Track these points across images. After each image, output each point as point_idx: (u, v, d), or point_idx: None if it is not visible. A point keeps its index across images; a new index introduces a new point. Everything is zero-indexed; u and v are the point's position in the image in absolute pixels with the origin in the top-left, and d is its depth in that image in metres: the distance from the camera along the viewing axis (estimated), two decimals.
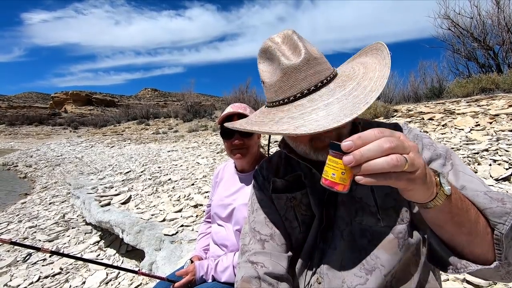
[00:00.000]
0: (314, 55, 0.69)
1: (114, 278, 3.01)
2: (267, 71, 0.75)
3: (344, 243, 0.76)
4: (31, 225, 4.76)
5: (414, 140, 0.77)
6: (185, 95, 20.22)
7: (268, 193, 0.94)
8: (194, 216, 3.27)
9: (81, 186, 5.24)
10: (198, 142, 9.58)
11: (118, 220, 3.37)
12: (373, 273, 0.71)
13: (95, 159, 10.08)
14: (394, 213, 0.73)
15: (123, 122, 22.87)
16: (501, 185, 2.45)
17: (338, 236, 0.77)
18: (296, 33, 0.73)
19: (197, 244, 1.65)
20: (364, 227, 0.75)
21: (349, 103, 0.63)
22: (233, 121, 1.39)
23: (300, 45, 0.69)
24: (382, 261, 0.71)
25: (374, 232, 0.74)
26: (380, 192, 0.74)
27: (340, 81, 0.71)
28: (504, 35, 7.57)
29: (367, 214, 0.74)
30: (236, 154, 1.41)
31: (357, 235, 0.75)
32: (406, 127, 0.81)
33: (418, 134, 0.79)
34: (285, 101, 0.71)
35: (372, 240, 0.74)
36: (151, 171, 6.07)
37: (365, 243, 0.74)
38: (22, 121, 44.32)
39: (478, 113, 4.41)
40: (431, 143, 0.77)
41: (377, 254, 0.72)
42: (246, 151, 1.41)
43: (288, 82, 0.69)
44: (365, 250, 0.74)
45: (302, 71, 0.68)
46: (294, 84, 0.69)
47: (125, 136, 15.90)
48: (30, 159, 13.56)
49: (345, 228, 0.77)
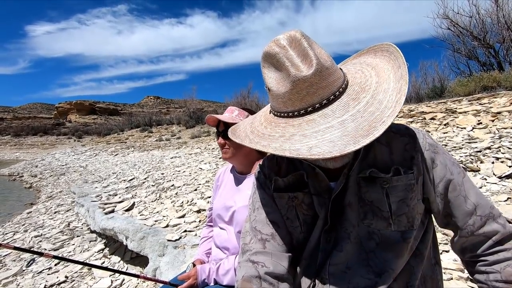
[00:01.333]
0: (326, 65, 0.63)
1: (119, 285, 3.01)
2: (273, 78, 0.69)
3: (350, 245, 0.76)
4: (36, 234, 4.80)
5: (431, 149, 0.76)
6: (187, 101, 20.35)
7: (269, 191, 0.93)
8: (197, 221, 3.27)
9: (86, 195, 5.28)
10: (200, 148, 9.62)
11: (122, 227, 3.39)
12: (383, 276, 0.71)
13: (99, 168, 10.15)
14: (405, 219, 0.73)
15: (127, 130, 23.02)
16: (504, 183, 2.43)
17: (344, 238, 0.77)
18: (304, 36, 0.65)
19: (199, 248, 1.65)
20: (372, 230, 0.74)
21: (364, 121, 0.59)
22: (220, 124, 1.44)
23: (310, 53, 0.63)
24: (391, 264, 0.71)
25: (383, 235, 0.73)
26: (395, 198, 0.72)
27: (353, 93, 0.66)
28: (504, 33, 7.56)
29: (377, 217, 0.73)
30: (223, 154, 1.46)
31: (364, 238, 0.75)
32: (419, 132, 0.77)
33: (433, 144, 0.77)
34: (295, 114, 0.66)
35: (380, 243, 0.73)
36: (154, 177, 6.10)
37: (373, 246, 0.74)
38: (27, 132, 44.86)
39: (480, 112, 4.39)
40: (443, 151, 0.77)
41: (385, 257, 0.72)
42: (229, 150, 1.43)
43: (299, 95, 0.64)
44: (373, 252, 0.73)
45: (314, 84, 0.62)
46: (305, 98, 0.64)
47: (128, 144, 16.00)
48: (35, 169, 13.68)
49: (352, 230, 0.76)
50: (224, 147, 1.44)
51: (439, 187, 0.74)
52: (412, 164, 0.73)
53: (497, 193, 2.28)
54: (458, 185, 0.73)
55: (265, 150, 0.65)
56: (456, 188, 0.73)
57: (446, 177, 0.74)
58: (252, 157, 1.49)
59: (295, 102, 0.65)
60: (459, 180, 0.73)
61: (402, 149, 0.75)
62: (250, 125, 0.82)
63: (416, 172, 0.73)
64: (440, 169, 0.74)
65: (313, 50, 0.64)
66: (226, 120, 1.39)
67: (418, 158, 0.73)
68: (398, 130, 0.78)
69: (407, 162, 0.73)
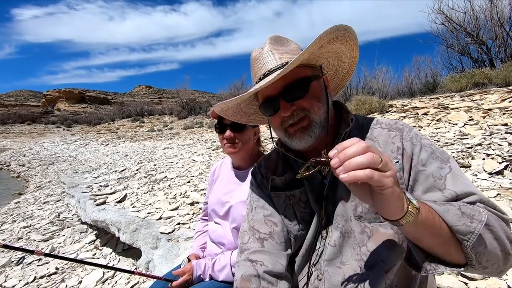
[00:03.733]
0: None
1: (110, 277, 2.99)
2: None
3: (343, 239, 0.77)
4: (25, 225, 4.71)
5: (413, 140, 0.77)
6: (180, 92, 20.10)
7: (266, 191, 0.95)
8: (190, 214, 3.26)
9: (76, 185, 5.19)
10: (193, 139, 9.54)
11: (114, 219, 3.35)
12: (374, 269, 0.72)
13: (90, 158, 9.99)
14: None
15: (118, 120, 22.67)
16: (494, 179, 2.48)
17: (337, 233, 0.78)
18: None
19: (194, 242, 1.64)
20: (364, 222, 0.75)
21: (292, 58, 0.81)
22: (224, 119, 1.39)
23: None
24: (383, 257, 0.72)
25: (374, 227, 0.74)
26: None
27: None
28: (497, 30, 7.62)
29: (367, 209, 0.75)
30: (228, 149, 1.42)
31: (357, 232, 0.76)
32: (406, 126, 0.81)
33: (417, 135, 0.79)
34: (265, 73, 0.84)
35: (372, 237, 0.74)
36: (146, 169, 6.03)
37: (365, 240, 0.75)
38: (14, 120, 43.68)
39: (472, 108, 4.45)
40: (430, 144, 0.77)
41: (377, 250, 0.73)
42: (237, 146, 1.41)
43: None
44: (366, 246, 0.74)
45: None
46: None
47: (119, 134, 15.77)
48: (23, 158, 13.39)
49: (344, 224, 0.77)
50: (233, 141, 1.41)
51: (411, 175, 0.75)
52: (397, 154, 0.76)
53: (487, 189, 2.32)
54: (433, 177, 0.71)
55: (253, 91, 0.81)
56: (428, 180, 0.72)
57: (418, 168, 0.74)
58: (253, 151, 1.48)
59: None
60: (437, 173, 0.71)
61: (389, 142, 0.79)
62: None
63: (402, 162, 0.75)
64: (416, 160, 0.75)
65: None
66: None
67: (403, 149, 0.76)
68: (387, 125, 0.83)
69: (394, 153, 0.77)
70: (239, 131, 1.40)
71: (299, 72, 0.80)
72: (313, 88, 0.80)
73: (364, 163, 0.50)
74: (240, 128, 1.39)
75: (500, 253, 0.60)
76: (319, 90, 0.82)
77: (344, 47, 0.83)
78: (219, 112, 0.98)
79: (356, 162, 0.50)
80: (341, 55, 0.88)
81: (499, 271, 0.63)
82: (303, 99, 0.79)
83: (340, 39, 0.79)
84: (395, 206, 0.54)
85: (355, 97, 6.75)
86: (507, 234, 0.62)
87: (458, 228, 0.58)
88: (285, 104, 0.79)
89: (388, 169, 0.52)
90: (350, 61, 0.92)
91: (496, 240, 0.60)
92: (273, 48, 0.86)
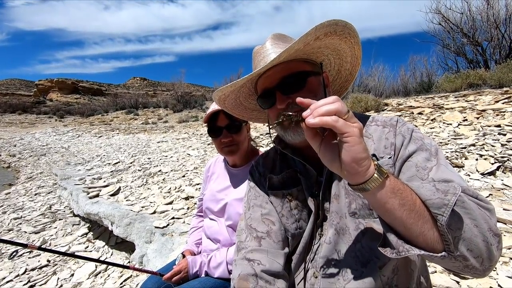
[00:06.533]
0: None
1: (103, 270, 2.98)
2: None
3: (338, 236, 0.77)
4: (16, 216, 4.65)
5: (403, 133, 0.77)
6: (175, 85, 19.90)
7: (264, 189, 0.94)
8: (185, 208, 3.25)
9: (68, 177, 5.12)
10: (188, 133, 9.48)
11: (107, 212, 3.32)
12: (368, 265, 0.72)
13: (82, 149, 9.86)
14: None
15: (111, 112, 22.38)
16: (487, 179, 2.52)
17: (332, 230, 0.78)
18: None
19: (189, 238, 1.64)
20: (358, 219, 0.75)
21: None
22: (219, 118, 1.36)
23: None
24: (377, 253, 0.71)
25: (368, 224, 0.74)
26: None
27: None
28: (492, 32, 7.70)
29: (361, 206, 0.75)
30: (227, 152, 1.38)
31: (352, 229, 0.76)
32: (400, 121, 0.82)
33: (409, 128, 0.79)
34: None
35: (366, 233, 0.74)
36: (140, 162, 5.98)
37: (359, 236, 0.75)
38: (4, 109, 42.74)
39: (466, 108, 4.50)
40: (421, 137, 0.77)
41: (371, 246, 0.72)
42: (236, 147, 1.38)
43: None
44: (360, 243, 0.74)
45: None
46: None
47: (113, 126, 15.59)
48: (14, 148, 13.14)
49: (339, 221, 0.77)
50: (231, 144, 1.36)
51: (396, 166, 0.74)
52: (390, 150, 0.76)
53: (479, 189, 2.36)
54: (417, 167, 0.70)
55: (248, 76, 0.82)
56: (411, 169, 0.71)
57: (404, 159, 0.73)
58: (248, 148, 1.46)
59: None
60: (423, 164, 0.70)
61: (383, 138, 0.78)
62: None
63: (394, 157, 0.75)
64: (403, 151, 0.75)
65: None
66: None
67: (395, 143, 0.76)
68: (382, 122, 0.83)
69: (387, 149, 0.76)
70: (236, 132, 1.36)
71: (298, 66, 0.81)
72: (310, 83, 0.80)
73: (332, 109, 0.54)
74: (237, 129, 1.36)
75: (482, 244, 0.57)
76: (317, 86, 0.82)
77: (344, 43, 0.83)
78: (218, 101, 0.97)
79: (325, 109, 0.55)
80: (342, 53, 0.88)
81: (483, 268, 0.59)
82: (299, 93, 0.78)
83: (339, 34, 0.78)
84: (361, 161, 0.55)
85: (351, 95, 6.77)
86: (490, 225, 0.58)
87: (432, 202, 0.56)
88: (281, 96, 0.80)
89: (354, 121, 0.56)
90: (353, 61, 0.92)
91: (477, 227, 0.57)
92: (274, 42, 0.87)
